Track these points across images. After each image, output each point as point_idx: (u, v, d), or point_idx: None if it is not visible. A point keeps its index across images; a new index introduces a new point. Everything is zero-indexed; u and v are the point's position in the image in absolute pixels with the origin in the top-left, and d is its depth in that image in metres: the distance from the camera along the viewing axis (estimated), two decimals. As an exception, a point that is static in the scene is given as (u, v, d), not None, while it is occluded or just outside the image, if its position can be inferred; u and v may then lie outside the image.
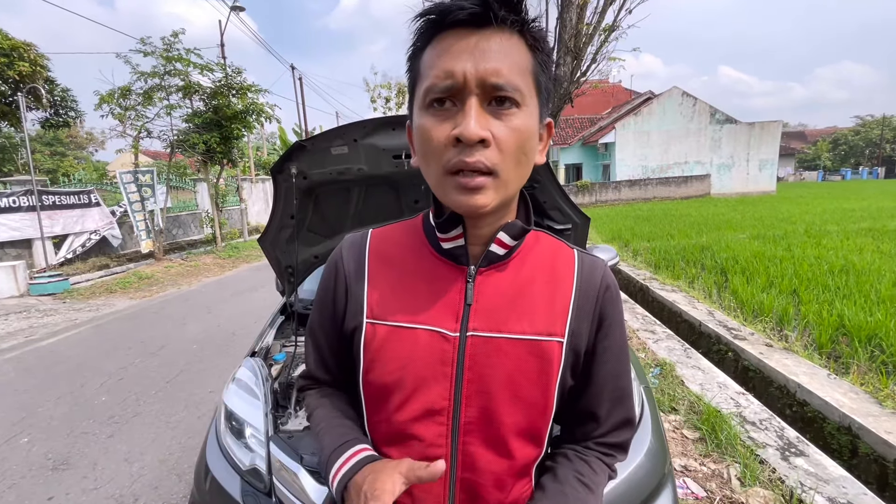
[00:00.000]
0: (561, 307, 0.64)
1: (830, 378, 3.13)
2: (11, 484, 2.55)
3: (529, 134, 0.55)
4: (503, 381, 0.61)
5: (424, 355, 0.62)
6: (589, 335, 0.66)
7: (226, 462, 1.50)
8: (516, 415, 0.62)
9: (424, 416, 0.63)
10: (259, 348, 1.98)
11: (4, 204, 8.13)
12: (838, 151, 56.51)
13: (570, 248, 0.70)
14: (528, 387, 0.62)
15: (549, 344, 0.62)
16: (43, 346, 5.08)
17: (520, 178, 0.58)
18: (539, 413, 0.63)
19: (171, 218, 12.04)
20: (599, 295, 0.66)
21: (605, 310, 0.67)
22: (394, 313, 0.65)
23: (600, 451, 0.70)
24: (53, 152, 27.73)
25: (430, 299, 0.64)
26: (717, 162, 22.80)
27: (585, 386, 0.68)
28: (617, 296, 0.69)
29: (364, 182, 1.85)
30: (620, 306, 0.70)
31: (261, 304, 6.36)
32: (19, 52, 9.50)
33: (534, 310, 0.63)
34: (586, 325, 0.65)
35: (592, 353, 0.67)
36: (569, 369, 0.65)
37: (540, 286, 0.65)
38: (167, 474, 2.55)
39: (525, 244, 0.67)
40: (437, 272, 0.65)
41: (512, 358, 0.62)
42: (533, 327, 0.62)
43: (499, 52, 0.52)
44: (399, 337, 0.64)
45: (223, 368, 4.01)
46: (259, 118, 11.23)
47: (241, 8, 14.94)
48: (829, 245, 7.38)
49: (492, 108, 0.53)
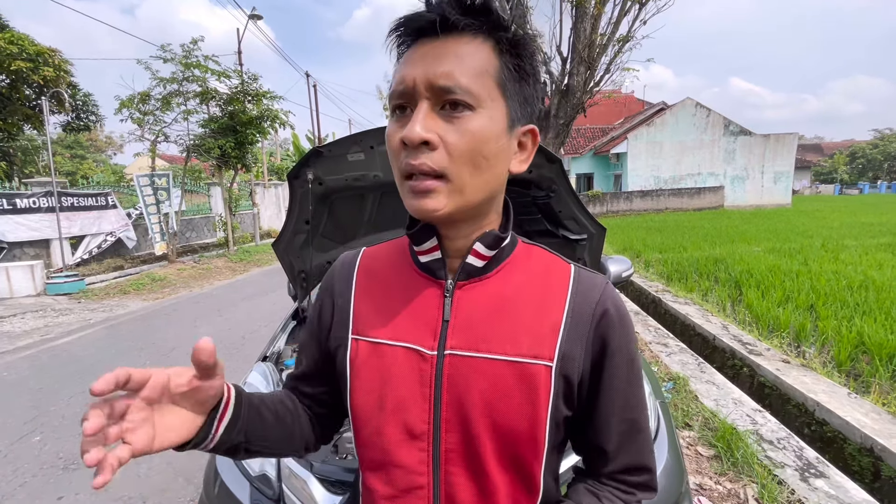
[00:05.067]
0: (550, 327, 0.58)
1: (851, 397, 3.04)
2: (23, 482, 2.57)
3: (486, 138, 0.53)
4: (482, 406, 0.56)
5: (403, 374, 0.59)
6: (584, 360, 0.58)
7: (235, 467, 1.50)
8: (498, 445, 0.57)
9: (405, 440, 0.59)
10: (270, 353, 1.98)
11: (25, 204, 8.32)
12: (856, 165, 55.59)
13: (567, 263, 0.63)
14: (511, 415, 0.56)
15: (535, 367, 0.56)
16: (57, 345, 5.16)
17: (481, 184, 0.55)
18: (526, 446, 0.57)
19: (185, 221, 12.22)
20: (596, 315, 0.59)
21: (606, 333, 0.59)
22: (376, 329, 0.62)
23: (616, 486, 0.63)
24: (73, 155, 28.41)
25: (410, 315, 0.61)
26: (731, 174, 22.56)
27: (589, 418, 0.61)
28: (621, 319, 0.60)
29: (379, 189, 1.85)
30: (627, 330, 0.61)
31: (271, 308, 6.40)
32: (44, 58, 9.80)
33: (518, 329, 0.58)
34: (579, 348, 0.58)
35: (593, 382, 0.60)
36: (561, 398, 0.57)
37: (527, 303, 0.59)
38: (175, 477, 2.55)
39: (513, 257, 0.62)
40: (416, 287, 0.63)
41: (490, 379, 0.56)
42: (516, 348, 0.57)
43: (454, 56, 0.52)
44: (380, 354, 0.61)
45: (233, 372, 4.03)
46: (273, 124, 11.40)
47: (259, 16, 15.25)
48: (847, 260, 7.22)
49: (444, 112, 0.52)
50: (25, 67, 9.39)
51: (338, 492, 1.29)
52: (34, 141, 17.43)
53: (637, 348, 0.63)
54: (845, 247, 8.63)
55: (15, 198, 8.22)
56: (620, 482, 0.63)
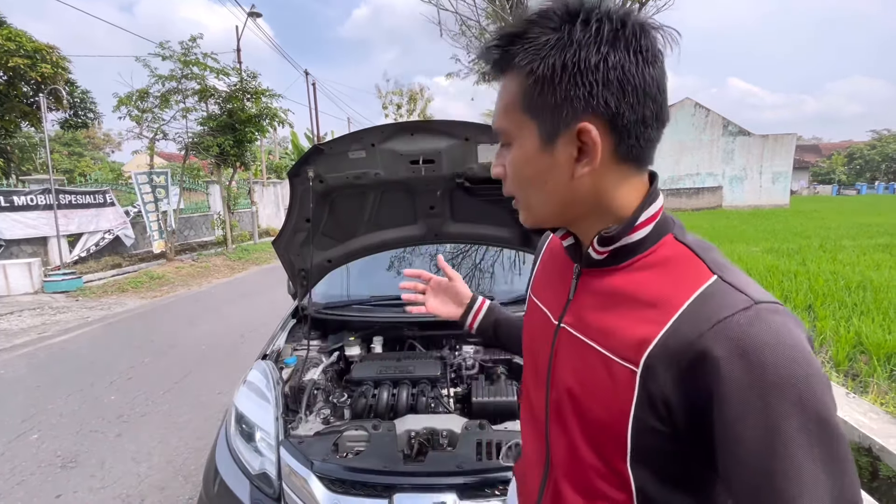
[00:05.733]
0: (645, 334, 0.53)
1: (849, 397, 3.05)
2: (21, 480, 2.56)
3: (522, 163, 0.58)
4: (574, 381, 0.61)
5: (538, 331, 0.72)
6: (677, 386, 0.50)
7: (235, 465, 1.50)
8: (583, 421, 0.60)
9: (533, 374, 0.74)
10: (270, 351, 1.98)
11: (23, 202, 8.28)
12: (854, 165, 55.75)
13: (709, 273, 0.53)
14: (595, 400, 0.58)
15: (620, 367, 0.55)
16: (55, 342, 5.14)
17: (542, 201, 0.60)
18: (602, 429, 0.57)
19: (184, 219, 12.18)
20: (695, 348, 0.48)
21: (720, 372, 0.46)
22: (538, 291, 0.78)
23: None
24: (71, 152, 28.29)
25: (553, 288, 0.72)
26: (729, 174, 22.60)
27: (713, 451, 0.50)
28: (753, 361, 0.45)
29: (380, 187, 1.85)
30: (774, 379, 0.45)
31: (269, 306, 6.39)
32: (42, 55, 9.74)
33: (619, 324, 0.56)
34: (671, 369, 0.50)
35: (702, 416, 0.49)
36: (648, 410, 0.52)
37: (639, 302, 0.56)
38: (174, 475, 2.55)
39: (654, 253, 0.58)
40: (563, 266, 0.71)
41: (582, 361, 0.60)
42: (609, 343, 0.57)
43: (498, 100, 0.60)
44: (533, 310, 0.76)
45: (231, 370, 4.02)
46: (272, 122, 11.36)
47: (258, 14, 15.20)
48: (845, 260, 7.25)
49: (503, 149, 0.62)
50: (23, 64, 9.33)
51: (338, 490, 1.29)
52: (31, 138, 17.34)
53: (810, 406, 0.45)
54: (843, 247, 8.66)
55: (12, 195, 8.19)
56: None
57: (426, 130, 1.62)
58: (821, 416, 0.45)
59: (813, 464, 0.44)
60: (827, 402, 0.45)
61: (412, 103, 28.16)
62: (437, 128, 1.61)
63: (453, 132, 1.60)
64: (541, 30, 0.52)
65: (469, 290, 1.08)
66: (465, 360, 1.93)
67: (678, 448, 0.54)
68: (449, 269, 1.09)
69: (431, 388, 1.73)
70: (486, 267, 2.60)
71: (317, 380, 1.82)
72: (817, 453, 0.44)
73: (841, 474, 0.45)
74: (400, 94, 27.91)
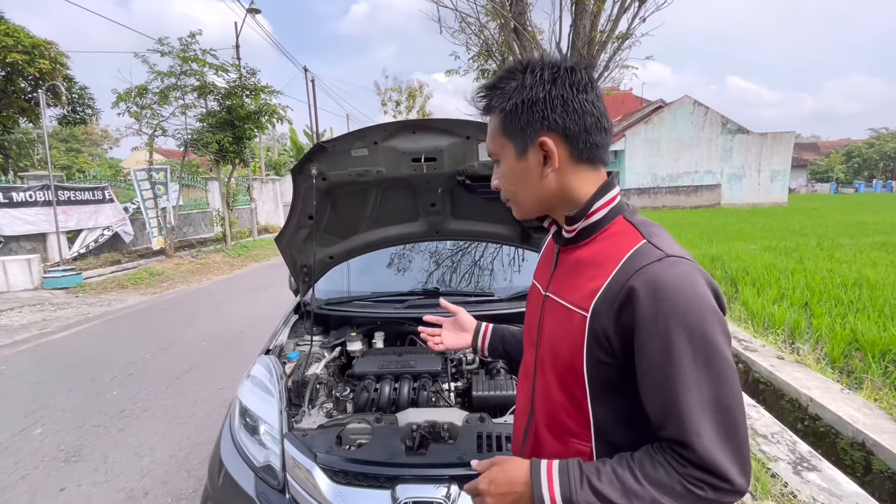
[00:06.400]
0: (595, 287, 0.72)
1: (844, 393, 3.09)
2: (25, 474, 2.58)
3: (507, 172, 0.80)
4: (552, 335, 0.81)
5: (533, 302, 0.92)
6: (615, 323, 0.68)
7: (240, 458, 1.52)
8: (556, 365, 0.80)
9: (529, 343, 0.91)
10: (273, 346, 2.00)
11: (21, 198, 8.28)
12: (852, 164, 55.82)
13: (640, 238, 0.72)
14: (562, 345, 0.77)
15: (576, 314, 0.74)
16: (56, 338, 5.16)
17: (524, 197, 0.81)
18: (567, 368, 0.76)
19: (183, 216, 12.17)
20: (625, 287, 0.66)
21: (633, 306, 0.65)
22: (536, 274, 0.95)
23: (669, 453, 0.67)
24: (69, 149, 28.18)
25: (544, 266, 0.92)
26: (727, 172, 22.62)
27: (634, 378, 0.69)
28: (654, 296, 0.64)
29: (382, 184, 1.87)
30: (667, 310, 0.63)
31: (269, 303, 6.41)
32: (40, 50, 9.70)
33: (579, 284, 0.76)
34: (610, 310, 0.69)
35: (626, 346, 0.68)
36: (595, 345, 0.71)
37: (593, 266, 0.75)
38: (177, 470, 2.57)
39: (607, 232, 0.77)
40: (551, 248, 0.91)
41: (559, 318, 0.79)
42: (572, 298, 0.77)
43: (488, 131, 0.82)
44: (532, 289, 0.94)
45: (232, 366, 4.05)
46: (271, 119, 11.34)
47: (257, 10, 15.15)
48: (842, 258, 7.28)
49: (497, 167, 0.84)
50: (21, 60, 9.29)
51: (341, 481, 1.31)
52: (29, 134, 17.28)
53: (696, 330, 0.63)
54: (840, 245, 8.70)
55: (11, 191, 8.18)
56: (674, 451, 0.66)
57: (428, 129, 1.63)
58: (704, 338, 0.63)
59: (696, 371, 0.63)
60: (711, 330, 0.64)
61: (411, 100, 28.11)
62: (438, 126, 1.63)
63: (454, 130, 1.62)
64: (507, 80, 0.75)
65: (472, 318, 1.25)
66: (466, 356, 1.95)
67: (622, 379, 0.71)
68: (451, 307, 1.26)
69: (432, 383, 1.76)
70: (485, 264, 2.63)
71: (319, 374, 1.84)
72: (700, 364, 0.63)
73: (718, 381, 0.64)
74: (399, 91, 27.85)
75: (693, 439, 0.63)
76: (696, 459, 0.64)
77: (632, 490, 0.65)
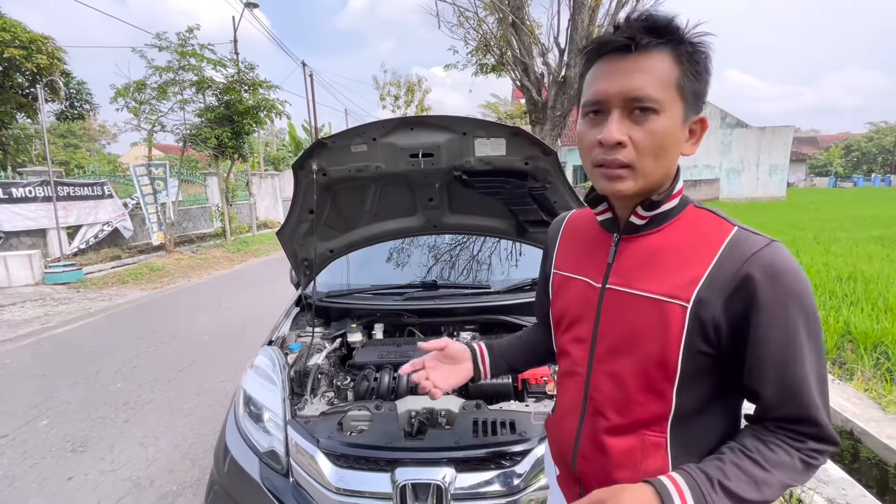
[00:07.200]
0: (692, 276, 0.69)
1: (835, 383, 3.15)
2: (32, 464, 2.64)
3: (665, 133, 0.68)
4: (626, 328, 0.75)
5: (578, 298, 0.84)
6: (725, 310, 0.67)
7: (245, 444, 1.57)
8: (633, 359, 0.74)
9: (574, 341, 0.85)
10: (275, 338, 2.05)
11: (21, 194, 8.30)
12: (850, 158, 55.83)
13: (730, 226, 0.71)
14: (647, 339, 0.72)
15: (671, 306, 0.70)
16: (58, 333, 5.21)
17: (661, 169, 0.71)
18: (657, 366, 0.72)
19: (182, 211, 12.19)
20: (739, 275, 0.66)
21: (754, 292, 0.65)
22: (568, 266, 0.89)
23: (784, 434, 0.69)
24: (67, 144, 28.10)
25: (588, 258, 0.85)
26: (726, 166, 22.66)
27: (741, 362, 0.69)
28: (774, 279, 0.65)
29: (381, 179, 1.91)
30: (785, 290, 0.65)
31: (270, 297, 6.46)
32: (37, 45, 9.68)
33: (665, 274, 0.72)
34: (719, 298, 0.67)
35: (739, 331, 0.67)
36: (697, 334, 0.68)
37: (676, 256, 0.73)
38: (181, 459, 2.63)
39: (679, 219, 0.76)
40: (596, 239, 0.85)
41: (636, 311, 0.74)
42: (659, 288, 0.72)
43: (643, 71, 0.66)
44: (568, 283, 0.88)
45: (234, 359, 4.10)
46: (270, 114, 11.34)
47: (255, 4, 15.08)
48: (837, 252, 7.34)
49: (634, 117, 0.68)
50: (18, 55, 9.27)
51: (342, 465, 1.37)
52: (26, 130, 17.25)
53: (811, 311, 0.66)
54: (837, 239, 8.76)
55: (11, 187, 8.19)
56: (787, 430, 0.68)
57: (425, 125, 1.67)
58: (815, 318, 0.67)
59: (811, 351, 0.66)
60: (816, 309, 0.67)
61: (410, 94, 28.03)
62: (435, 122, 1.67)
63: (452, 127, 1.66)
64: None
65: (461, 344, 1.09)
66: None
67: (714, 367, 0.71)
68: (433, 343, 1.06)
69: (431, 372, 1.81)
70: (482, 258, 2.67)
71: (321, 364, 1.89)
72: (813, 343, 0.66)
73: (822, 357, 0.68)
74: (398, 86, 27.76)
75: (815, 414, 0.66)
76: (816, 433, 0.67)
77: (761, 479, 0.65)
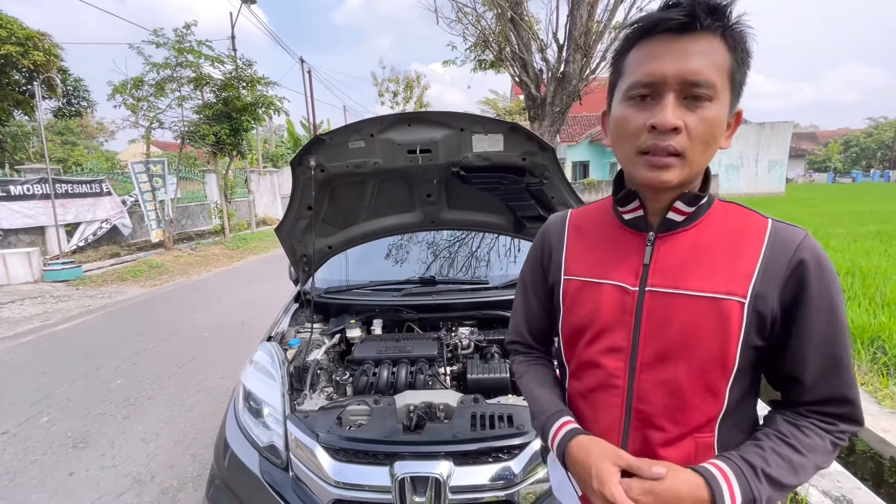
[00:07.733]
0: (744, 270, 0.69)
1: (831, 377, 3.17)
2: (34, 460, 2.66)
3: (718, 122, 0.66)
4: (678, 331, 0.71)
5: (609, 304, 0.77)
6: (780, 301, 0.68)
7: (245, 439, 1.59)
8: (689, 363, 0.71)
9: (608, 351, 0.77)
10: (275, 334, 2.06)
11: (19, 191, 8.27)
12: (850, 153, 55.82)
13: (764, 218, 0.73)
14: (704, 339, 0.69)
15: (729, 303, 0.68)
16: (58, 330, 5.21)
17: (705, 159, 0.68)
18: (715, 365, 0.70)
19: (181, 208, 12.17)
20: (792, 262, 0.67)
21: (803, 277, 0.67)
22: (586, 271, 0.81)
23: (816, 417, 0.70)
24: (64, 141, 28.01)
25: (615, 260, 0.78)
26: (725, 162, 22.65)
27: (785, 350, 0.70)
28: (820, 267, 0.67)
29: (379, 175, 1.92)
30: (828, 278, 0.67)
31: (269, 294, 6.46)
32: (34, 42, 9.61)
33: (714, 271, 0.70)
34: (774, 290, 0.68)
35: (788, 319, 0.69)
36: (754, 330, 0.68)
37: (720, 251, 0.71)
38: (182, 454, 2.65)
39: (710, 214, 0.74)
40: (620, 239, 0.79)
41: (688, 311, 0.70)
42: (712, 286, 0.69)
43: (700, 53, 0.63)
44: (589, 289, 0.80)
45: (234, 356, 4.11)
46: (268, 111, 11.31)
47: (252, 0, 15.00)
48: (836, 247, 7.36)
49: (687, 102, 0.65)
50: (14, 52, 9.21)
51: (342, 459, 1.38)
52: (23, 127, 17.17)
53: (843, 295, 0.69)
54: (835, 234, 8.77)
55: (9, 185, 8.17)
56: (820, 413, 0.70)
57: (423, 121, 1.68)
58: (844, 303, 0.69)
59: (845, 334, 0.68)
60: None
61: (408, 91, 27.95)
62: (433, 118, 1.67)
63: (449, 123, 1.66)
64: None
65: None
66: (461, 341, 2.02)
67: (760, 358, 0.71)
68: None
69: (429, 367, 1.82)
70: (480, 254, 2.68)
71: (320, 360, 1.90)
72: (845, 327, 0.69)
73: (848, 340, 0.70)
74: (396, 82, 27.68)
75: (851, 394, 0.69)
76: (849, 413, 0.69)
77: (799, 464, 0.67)
